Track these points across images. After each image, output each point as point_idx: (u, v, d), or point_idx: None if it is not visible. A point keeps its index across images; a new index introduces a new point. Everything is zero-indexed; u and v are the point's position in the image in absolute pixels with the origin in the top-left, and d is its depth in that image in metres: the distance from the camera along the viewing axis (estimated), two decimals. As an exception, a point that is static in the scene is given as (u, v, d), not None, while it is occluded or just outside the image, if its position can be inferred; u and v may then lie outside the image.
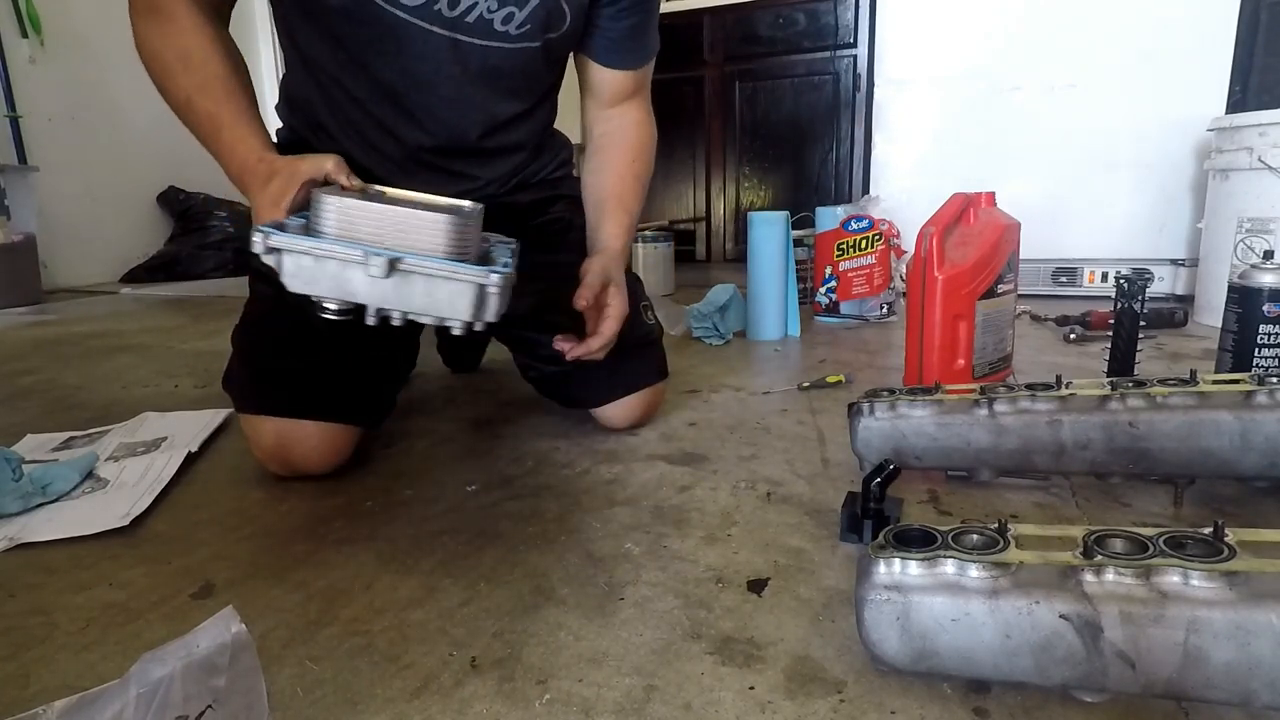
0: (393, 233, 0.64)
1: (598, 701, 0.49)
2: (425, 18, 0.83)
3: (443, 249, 0.64)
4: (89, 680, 0.52)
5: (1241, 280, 0.99)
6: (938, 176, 2.33)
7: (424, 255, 0.63)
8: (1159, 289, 2.07)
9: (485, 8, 0.84)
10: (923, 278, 1.07)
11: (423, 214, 0.64)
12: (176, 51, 0.80)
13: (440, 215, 0.64)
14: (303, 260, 0.63)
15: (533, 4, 0.86)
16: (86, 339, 1.92)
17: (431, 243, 0.64)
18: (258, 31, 3.81)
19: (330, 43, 0.86)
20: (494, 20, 0.86)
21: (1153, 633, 0.43)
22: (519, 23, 0.87)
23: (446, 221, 0.64)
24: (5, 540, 0.74)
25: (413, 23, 0.83)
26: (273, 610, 0.61)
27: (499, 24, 0.86)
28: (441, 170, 0.95)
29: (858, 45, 2.36)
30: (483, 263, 0.68)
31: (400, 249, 0.63)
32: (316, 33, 0.86)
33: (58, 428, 1.11)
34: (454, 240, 0.64)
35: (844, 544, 0.69)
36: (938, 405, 0.79)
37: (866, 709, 0.47)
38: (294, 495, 0.85)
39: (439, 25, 0.84)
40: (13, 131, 2.91)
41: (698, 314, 1.69)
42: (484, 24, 0.86)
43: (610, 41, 0.96)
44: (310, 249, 0.62)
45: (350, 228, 0.64)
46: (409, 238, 0.64)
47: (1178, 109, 2.04)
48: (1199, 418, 0.71)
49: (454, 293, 0.63)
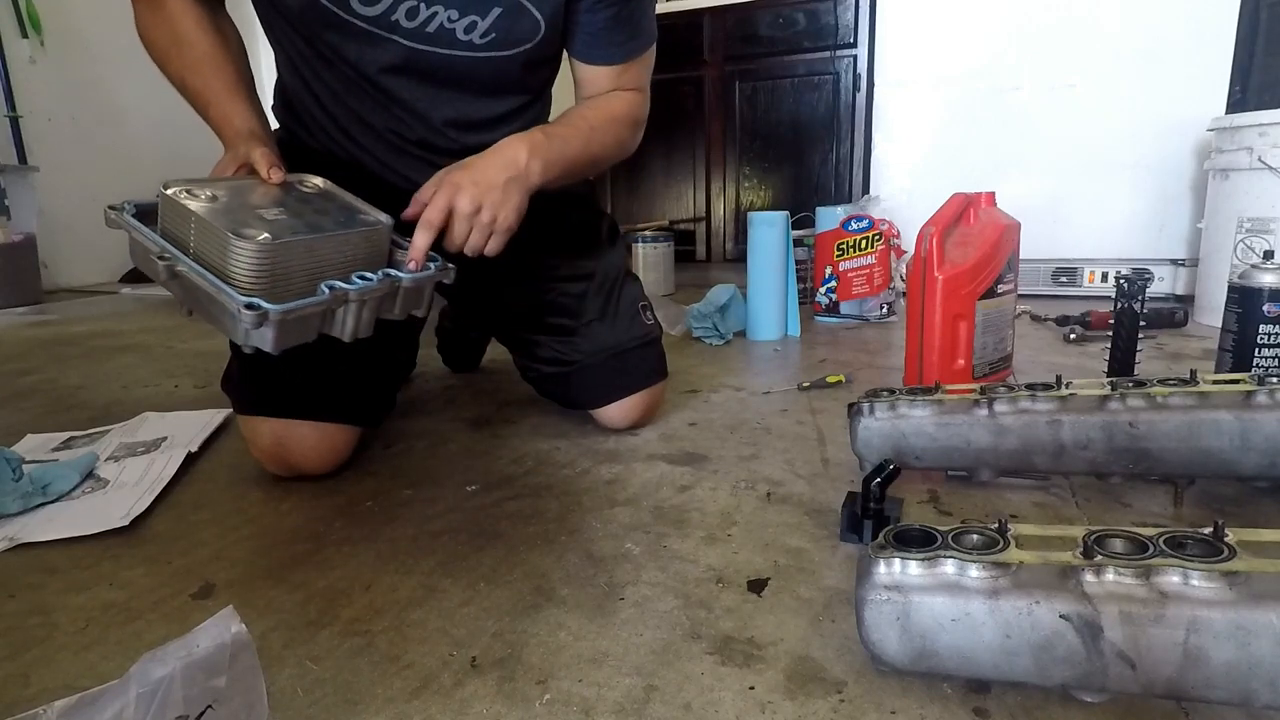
0: (198, 239, 0.65)
1: (598, 701, 0.49)
2: (384, 27, 0.83)
3: (228, 268, 0.64)
4: (89, 680, 0.52)
5: (1241, 280, 0.99)
6: (938, 176, 2.33)
7: (202, 269, 0.64)
8: (1159, 289, 2.07)
9: (446, 17, 0.83)
10: (923, 278, 1.07)
11: (217, 230, 0.64)
12: (170, 35, 0.84)
13: (231, 238, 0.63)
14: (132, 241, 0.67)
15: (495, 13, 0.84)
16: (86, 339, 1.92)
17: (218, 258, 0.64)
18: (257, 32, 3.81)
19: (303, 39, 0.87)
20: (456, 30, 0.84)
21: (1153, 633, 0.43)
22: (483, 32, 0.85)
23: (233, 244, 0.64)
24: (5, 540, 0.74)
25: (371, 30, 0.83)
26: (273, 610, 0.61)
27: (461, 33, 0.84)
28: (426, 162, 0.93)
29: (858, 45, 2.36)
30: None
31: (203, 257, 0.65)
32: (289, 28, 0.87)
33: (58, 428, 1.11)
34: (244, 263, 0.64)
35: (844, 544, 0.69)
36: (938, 405, 0.79)
37: (866, 709, 0.47)
38: (294, 495, 0.85)
39: (399, 35, 0.83)
40: (13, 131, 2.91)
41: (698, 314, 1.69)
42: (446, 34, 0.84)
43: (589, 36, 0.91)
44: (130, 230, 0.67)
45: (175, 223, 0.67)
46: (205, 248, 0.65)
47: (1178, 109, 2.04)
48: (1199, 418, 0.71)
49: (222, 312, 0.64)
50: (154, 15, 0.84)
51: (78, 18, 3.09)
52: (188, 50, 0.83)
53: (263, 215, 0.69)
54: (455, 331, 1.42)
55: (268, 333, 0.64)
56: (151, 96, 0.77)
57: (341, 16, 0.81)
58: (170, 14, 0.83)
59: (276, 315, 0.63)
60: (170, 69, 0.84)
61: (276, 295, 0.64)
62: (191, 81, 0.83)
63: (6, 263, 2.59)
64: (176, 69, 0.84)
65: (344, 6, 0.81)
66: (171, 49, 0.84)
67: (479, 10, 0.83)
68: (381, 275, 0.74)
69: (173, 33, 0.83)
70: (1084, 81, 2.14)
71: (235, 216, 0.66)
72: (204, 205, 0.67)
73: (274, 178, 0.76)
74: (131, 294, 2.89)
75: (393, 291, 0.76)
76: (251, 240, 0.64)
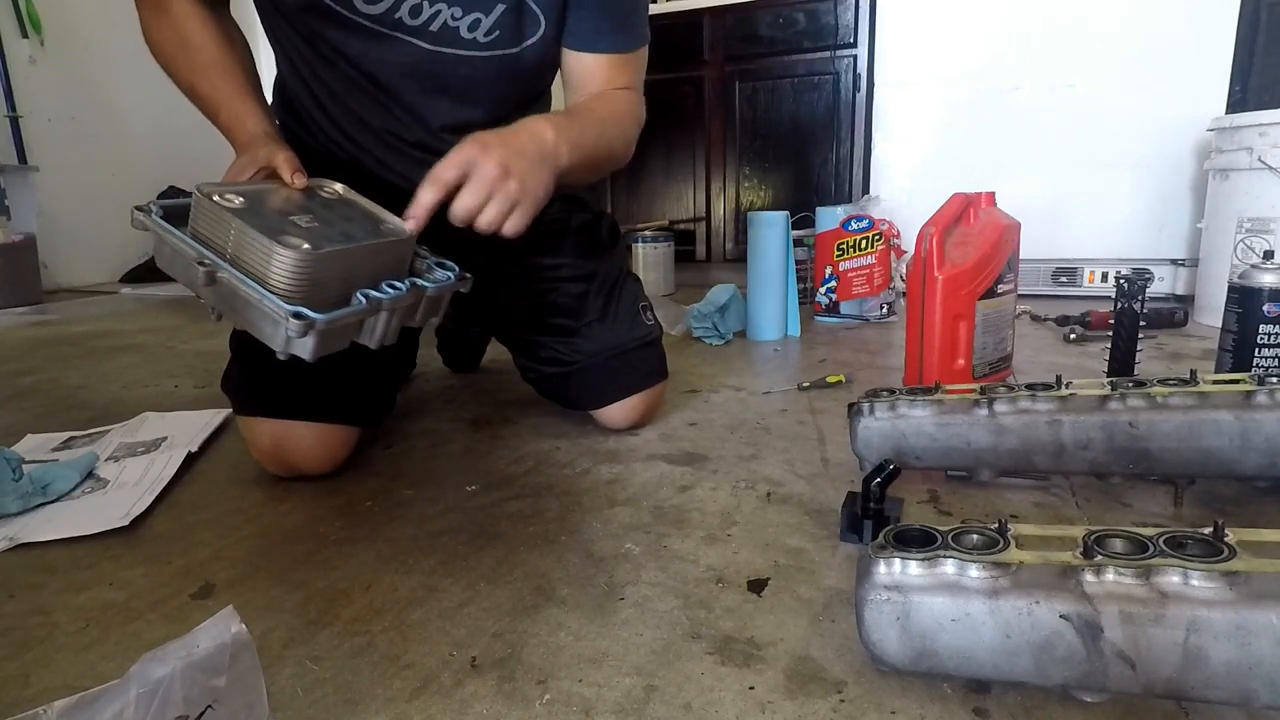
0: (236, 245, 0.65)
1: (598, 701, 0.49)
2: (387, 25, 0.82)
3: (270, 276, 0.64)
4: (89, 680, 0.52)
5: (1241, 280, 0.99)
6: (938, 176, 2.33)
7: (243, 276, 0.64)
8: (1159, 289, 2.07)
9: (450, 15, 0.83)
10: (923, 278, 1.07)
11: (259, 238, 0.63)
12: (175, 40, 0.84)
13: (276, 247, 0.63)
14: (161, 243, 0.65)
15: (499, 10, 0.84)
16: (86, 339, 1.92)
17: (259, 266, 0.64)
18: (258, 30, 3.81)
19: (302, 37, 0.87)
20: (460, 28, 0.84)
21: (1153, 633, 0.43)
22: (487, 30, 0.84)
23: (278, 253, 0.63)
24: (5, 540, 0.74)
25: (375, 29, 0.82)
26: (273, 610, 0.61)
27: (465, 31, 0.84)
28: (425, 163, 0.93)
29: (858, 45, 2.36)
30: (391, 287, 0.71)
31: (241, 263, 0.64)
32: (289, 27, 0.87)
33: (58, 428, 1.11)
34: (286, 272, 0.64)
35: (844, 544, 0.69)
36: (938, 405, 0.79)
37: (866, 709, 0.47)
38: (294, 495, 0.85)
39: (401, 33, 0.83)
40: (13, 131, 2.91)
41: (698, 314, 1.69)
42: (450, 32, 0.84)
43: (587, 25, 0.90)
44: (162, 233, 0.65)
45: (210, 228, 0.66)
46: (245, 254, 0.64)
47: (1177, 109, 2.04)
48: (1199, 418, 0.71)
49: (262, 318, 0.64)
50: (160, 20, 0.84)
51: (78, 18, 3.09)
52: (195, 54, 0.83)
53: (296, 223, 0.69)
54: (455, 331, 1.42)
55: (309, 341, 0.64)
56: (151, 96, 0.77)
57: (344, 14, 0.81)
58: (176, 18, 0.84)
59: (322, 325, 0.63)
60: (177, 73, 0.84)
61: (312, 303, 0.64)
62: (200, 86, 0.83)
63: (6, 263, 2.59)
64: (184, 73, 0.84)
65: (347, 4, 0.81)
66: (179, 54, 0.84)
67: (482, 8, 0.83)
68: (409, 284, 0.74)
69: (179, 37, 0.83)
70: (1084, 81, 2.15)
71: (271, 223, 0.66)
72: (241, 210, 0.66)
73: (297, 183, 0.75)
74: (131, 294, 2.89)
75: (417, 300, 0.76)
76: (296, 249, 0.63)
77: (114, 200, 3.31)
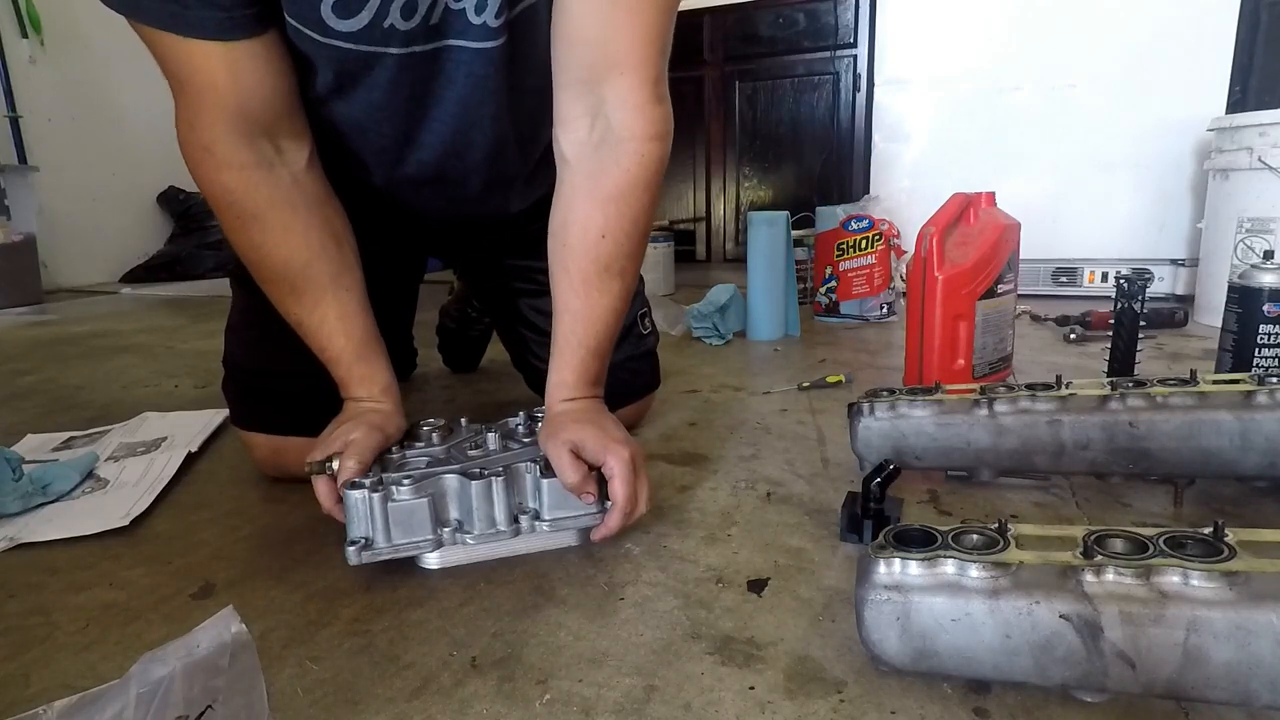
0: None
1: (598, 701, 0.49)
2: (372, 41, 0.67)
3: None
4: (89, 680, 0.52)
5: (1241, 280, 0.99)
6: (938, 176, 2.33)
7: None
8: (1159, 289, 2.07)
9: (448, 1, 0.68)
10: (923, 278, 1.07)
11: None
12: (273, 261, 0.72)
13: None
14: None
15: None
16: (86, 339, 1.92)
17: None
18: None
19: None
20: (466, 10, 0.68)
21: (1153, 633, 0.43)
22: (496, 10, 0.68)
23: None
24: (5, 540, 0.74)
25: (357, 50, 0.67)
26: (273, 610, 0.61)
27: (473, 15, 0.68)
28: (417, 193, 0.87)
29: (858, 45, 2.36)
30: None
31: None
32: None
33: (58, 428, 1.11)
34: None
35: (844, 544, 0.69)
36: (938, 405, 0.79)
37: (866, 709, 0.47)
38: (294, 495, 0.85)
39: (394, 46, 0.68)
40: (13, 131, 2.92)
41: (698, 314, 1.69)
42: (456, 19, 0.69)
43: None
44: (391, 553, 0.64)
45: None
46: None
47: (1177, 109, 2.04)
48: (1199, 418, 0.71)
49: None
50: (245, 228, 0.70)
51: (78, 18, 3.09)
52: (302, 287, 0.72)
53: None
54: (455, 331, 1.42)
55: None
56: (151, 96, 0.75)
57: (322, 40, 0.66)
58: (269, 228, 0.70)
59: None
60: (280, 302, 0.74)
61: None
62: (309, 321, 0.73)
63: (6, 263, 2.59)
64: (292, 312, 0.74)
65: (319, 28, 0.65)
66: (284, 286, 0.72)
67: None
68: None
69: (280, 260, 0.72)
70: (1084, 81, 2.14)
71: None
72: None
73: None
74: (131, 294, 2.89)
75: None
76: None
77: (114, 200, 3.31)
